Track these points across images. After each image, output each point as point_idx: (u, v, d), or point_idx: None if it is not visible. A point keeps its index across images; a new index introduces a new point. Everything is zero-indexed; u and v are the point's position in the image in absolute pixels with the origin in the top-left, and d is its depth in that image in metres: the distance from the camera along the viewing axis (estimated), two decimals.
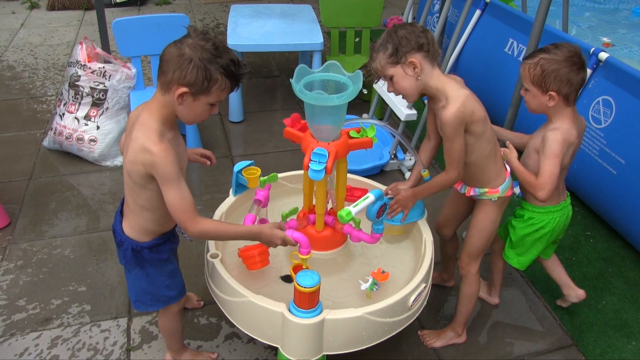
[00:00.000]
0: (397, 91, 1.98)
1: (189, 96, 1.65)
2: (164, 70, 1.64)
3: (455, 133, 1.93)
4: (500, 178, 2.13)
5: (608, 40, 4.96)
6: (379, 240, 2.13)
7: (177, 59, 1.61)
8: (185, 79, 1.61)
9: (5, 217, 3.05)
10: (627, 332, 2.55)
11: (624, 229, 3.01)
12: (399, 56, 1.90)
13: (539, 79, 2.01)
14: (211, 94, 1.66)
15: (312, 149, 1.88)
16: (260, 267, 2.00)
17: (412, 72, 1.92)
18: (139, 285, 1.97)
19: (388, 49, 1.91)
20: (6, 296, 2.60)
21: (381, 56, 1.93)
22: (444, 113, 1.91)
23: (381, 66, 1.95)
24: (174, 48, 1.63)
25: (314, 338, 1.81)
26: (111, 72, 3.50)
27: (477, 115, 1.94)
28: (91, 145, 3.51)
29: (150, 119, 1.70)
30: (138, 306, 2.02)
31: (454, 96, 1.92)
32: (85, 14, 6.38)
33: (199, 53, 1.60)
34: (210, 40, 1.63)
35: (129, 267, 1.94)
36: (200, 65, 1.60)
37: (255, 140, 3.98)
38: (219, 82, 1.65)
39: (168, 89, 1.65)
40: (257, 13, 4.50)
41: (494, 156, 2.08)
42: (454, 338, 2.42)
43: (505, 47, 3.78)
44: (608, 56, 3.08)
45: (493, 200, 2.14)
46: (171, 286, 1.99)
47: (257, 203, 2.04)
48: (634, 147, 2.86)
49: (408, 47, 1.90)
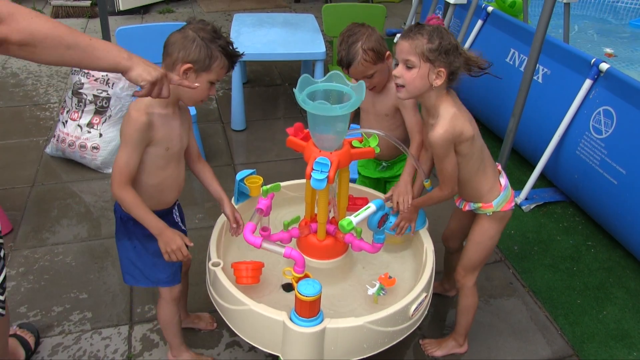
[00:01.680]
0: (404, 80, 1.89)
1: (193, 72, 1.79)
2: (169, 52, 1.80)
3: (445, 153, 1.92)
4: (493, 193, 2.10)
5: (610, 51, 4.97)
6: (380, 250, 2.13)
7: (181, 40, 1.78)
8: (189, 57, 1.77)
9: (7, 223, 3.06)
10: (628, 343, 2.55)
11: (625, 238, 3.01)
12: (437, 57, 1.84)
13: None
14: (212, 71, 1.82)
15: (314, 158, 1.89)
16: (250, 282, 1.98)
17: (432, 80, 1.87)
18: (127, 257, 2.04)
19: (434, 42, 1.83)
20: (7, 303, 2.60)
21: (424, 42, 1.84)
22: (432, 134, 1.89)
23: (414, 49, 1.84)
24: (178, 33, 1.81)
25: (314, 347, 1.82)
26: (114, 80, 3.51)
27: (465, 135, 1.92)
28: (94, 153, 3.53)
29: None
30: (128, 280, 2.08)
31: (443, 115, 1.90)
32: (89, 22, 6.42)
33: (201, 33, 1.79)
34: (209, 25, 1.83)
35: (119, 236, 2.03)
36: (202, 44, 1.78)
37: (258, 149, 3.99)
38: (219, 60, 1.81)
39: (172, 68, 1.80)
40: (260, 22, 4.53)
41: (482, 172, 2.06)
42: (455, 348, 2.42)
43: (507, 57, 3.79)
44: (609, 67, 3.10)
45: (488, 215, 2.14)
46: (159, 266, 2.02)
47: (258, 212, 2.05)
48: (635, 158, 2.87)
49: (447, 58, 1.85)
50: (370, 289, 2.02)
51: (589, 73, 3.19)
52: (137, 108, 1.81)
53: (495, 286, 2.83)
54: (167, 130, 1.88)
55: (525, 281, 2.87)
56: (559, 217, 3.38)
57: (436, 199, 2.09)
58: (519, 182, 3.57)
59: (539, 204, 3.46)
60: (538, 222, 3.33)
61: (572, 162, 3.27)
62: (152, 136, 1.83)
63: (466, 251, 2.24)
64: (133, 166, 1.82)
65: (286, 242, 2.14)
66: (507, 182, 2.14)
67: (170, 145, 1.90)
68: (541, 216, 3.38)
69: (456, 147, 1.94)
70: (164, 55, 1.82)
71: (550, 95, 3.47)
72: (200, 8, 7.09)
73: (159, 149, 1.87)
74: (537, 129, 3.52)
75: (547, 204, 3.48)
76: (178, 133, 1.93)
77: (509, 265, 2.98)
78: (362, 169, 2.65)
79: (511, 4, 4.65)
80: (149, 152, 1.86)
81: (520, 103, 2.88)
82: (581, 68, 3.26)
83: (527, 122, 3.35)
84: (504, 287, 2.83)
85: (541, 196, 3.51)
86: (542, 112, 3.49)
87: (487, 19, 4.11)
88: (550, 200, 3.50)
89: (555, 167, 3.42)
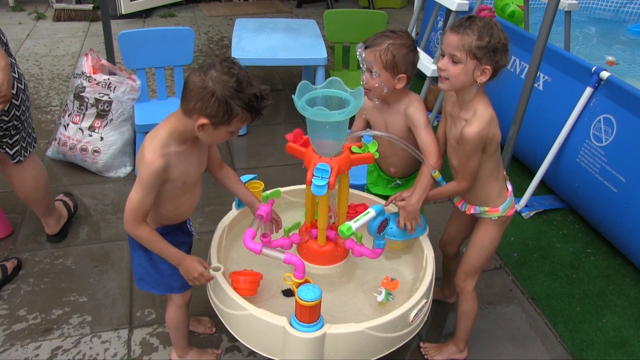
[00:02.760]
0: (448, 73, 1.89)
1: (210, 126, 1.72)
2: (187, 98, 1.71)
3: (475, 150, 1.94)
4: (502, 197, 2.13)
5: (612, 59, 4.98)
6: (380, 255, 2.13)
7: (200, 90, 1.66)
8: (206, 111, 1.68)
9: (7, 226, 3.07)
10: (628, 351, 2.55)
11: (625, 246, 3.01)
12: (485, 54, 1.84)
13: (391, 64, 2.05)
14: (231, 124, 1.73)
15: (314, 164, 1.89)
16: (247, 294, 1.97)
17: (476, 76, 1.88)
18: (142, 266, 2.04)
19: (484, 39, 1.82)
20: (7, 306, 2.60)
21: (473, 39, 1.83)
22: (467, 129, 1.90)
23: (462, 45, 1.84)
24: (198, 78, 1.67)
25: (314, 352, 1.82)
26: (116, 83, 3.52)
27: (495, 139, 1.96)
28: (95, 156, 3.53)
29: (161, 129, 1.80)
30: (141, 285, 2.09)
31: (481, 114, 1.91)
32: (91, 26, 6.43)
33: (221, 89, 1.65)
34: (234, 76, 1.66)
35: (134, 247, 2.01)
36: (222, 100, 1.66)
37: (258, 154, 3.99)
38: (239, 116, 1.71)
39: (189, 116, 1.72)
40: (262, 27, 4.54)
41: (496, 176, 2.09)
42: (455, 353, 2.42)
43: (508, 64, 3.79)
44: (609, 75, 3.10)
45: (493, 219, 2.15)
46: (174, 276, 2.02)
47: (259, 218, 2.05)
48: (635, 166, 2.88)
49: (495, 56, 1.85)
50: (377, 296, 2.02)
51: (590, 81, 3.19)
52: (151, 149, 1.75)
53: (494, 293, 2.83)
54: (184, 166, 1.85)
55: (524, 288, 2.87)
56: (559, 225, 3.38)
57: (451, 192, 2.11)
58: (519, 189, 3.58)
59: (539, 211, 3.46)
60: (538, 230, 3.33)
61: (572, 170, 3.27)
62: (167, 176, 1.81)
63: (468, 255, 2.24)
64: (147, 206, 1.81)
65: (287, 248, 2.15)
66: (512, 188, 2.18)
67: (187, 179, 1.89)
68: (541, 223, 3.38)
69: (484, 147, 1.96)
70: (183, 95, 1.73)
71: (551, 102, 3.48)
72: (202, 12, 7.11)
73: (176, 184, 1.86)
74: (538, 137, 3.52)
75: (547, 211, 3.48)
76: (196, 165, 1.92)
77: (509, 272, 2.98)
78: (371, 186, 2.55)
79: (510, 13, 4.67)
80: (165, 187, 1.85)
81: (521, 110, 2.89)
82: (582, 76, 3.27)
83: (527, 130, 3.35)
84: (503, 294, 2.83)
85: (541, 203, 3.51)
86: (542, 119, 3.50)
87: None
88: (550, 207, 3.50)
89: (556, 174, 3.42)
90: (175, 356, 2.31)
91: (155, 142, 1.76)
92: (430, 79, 3.33)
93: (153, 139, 1.78)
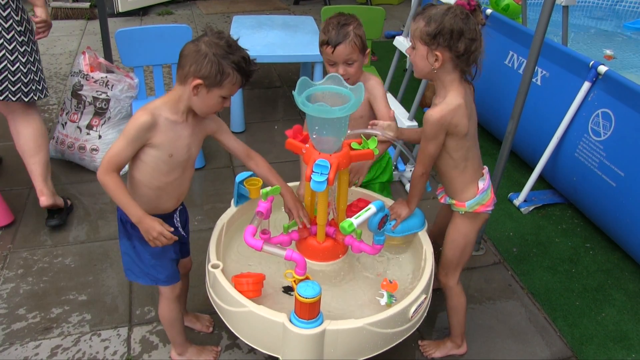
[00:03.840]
0: (411, 60, 1.99)
1: (203, 88, 1.80)
2: (182, 64, 1.81)
3: (434, 135, 1.96)
4: (469, 193, 2.12)
5: (610, 53, 4.98)
6: (380, 251, 2.13)
7: (194, 54, 1.78)
8: (200, 72, 1.78)
9: (9, 214, 3.09)
10: (627, 345, 2.55)
11: (624, 241, 3.01)
12: (432, 40, 1.88)
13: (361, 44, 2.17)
14: (224, 87, 1.82)
15: (314, 160, 1.89)
16: (252, 296, 1.95)
17: (431, 62, 1.92)
18: (128, 254, 2.07)
19: (431, 25, 1.87)
20: (6, 305, 2.60)
21: (422, 25, 1.90)
22: (430, 112, 1.94)
23: (413, 31, 1.93)
24: (192, 45, 1.80)
25: (314, 348, 1.82)
26: (114, 81, 3.52)
27: (459, 129, 1.96)
28: (93, 155, 3.52)
29: (158, 99, 1.89)
30: (129, 275, 2.12)
31: (448, 101, 1.94)
32: (88, 24, 6.42)
33: (213, 49, 1.77)
34: (224, 39, 1.80)
35: (120, 236, 2.06)
36: (214, 60, 1.77)
37: (257, 151, 3.97)
38: (230, 76, 1.80)
39: (185, 81, 1.82)
40: (259, 24, 4.53)
41: (461, 171, 2.09)
42: (453, 349, 2.43)
43: (506, 59, 3.80)
44: (607, 69, 3.10)
45: (461, 214, 2.17)
46: (157, 268, 2.05)
47: (259, 215, 2.04)
48: (633, 160, 2.88)
49: (447, 42, 1.87)
50: (380, 299, 2.02)
51: (588, 75, 3.19)
52: (143, 107, 1.85)
53: (494, 288, 2.84)
54: (172, 136, 1.88)
55: (524, 283, 2.87)
56: (558, 219, 3.39)
57: (415, 179, 2.12)
58: (517, 184, 3.58)
59: (538, 206, 3.46)
60: (537, 224, 3.33)
61: (570, 165, 3.27)
62: (151, 137, 1.84)
63: (443, 249, 2.27)
64: (124, 158, 1.84)
65: (286, 245, 2.14)
66: (488, 186, 2.13)
67: (175, 152, 1.91)
68: (540, 218, 3.39)
69: (446, 138, 1.98)
70: (178, 65, 1.83)
71: (549, 97, 3.48)
72: (199, 10, 7.10)
73: (160, 153, 1.88)
74: (536, 131, 3.52)
75: (545, 206, 3.49)
76: (186, 142, 1.94)
77: (508, 267, 2.98)
78: None
79: (505, 6, 4.66)
80: (150, 154, 1.87)
81: (519, 105, 2.88)
82: (580, 70, 3.27)
83: (526, 125, 3.35)
84: (502, 289, 2.83)
85: (540, 198, 3.51)
86: (540, 114, 3.50)
87: (486, 22, 4.12)
88: (549, 202, 3.51)
89: (554, 169, 3.43)
90: (175, 355, 2.31)
91: (149, 104, 1.86)
92: None
93: (148, 103, 1.87)
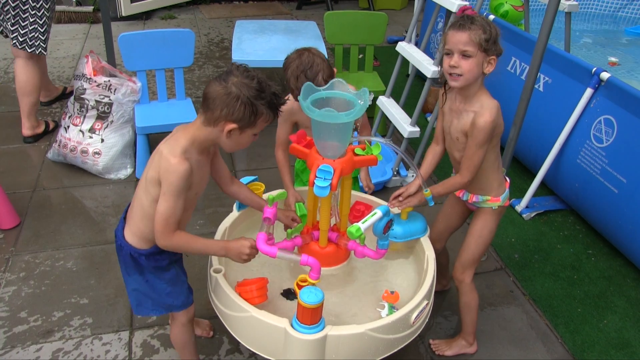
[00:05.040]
0: (462, 69, 1.97)
1: (237, 130, 1.76)
2: (211, 108, 1.74)
3: (487, 140, 2.01)
4: (502, 188, 2.23)
5: (615, 60, 4.98)
6: (383, 256, 2.13)
7: (224, 97, 1.72)
8: (233, 116, 1.73)
9: (15, 217, 3.12)
10: (629, 352, 2.55)
11: (626, 247, 3.01)
12: (490, 46, 1.96)
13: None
14: (256, 125, 1.80)
15: (317, 165, 1.89)
16: (258, 302, 1.95)
17: (484, 67, 1.98)
18: (138, 290, 2.00)
19: (487, 32, 1.95)
20: (8, 308, 2.60)
21: (480, 33, 1.94)
22: (481, 119, 1.98)
23: (472, 39, 1.94)
24: (219, 86, 1.73)
25: (316, 354, 1.81)
26: (116, 85, 3.52)
27: (501, 128, 2.06)
28: (95, 158, 3.53)
29: (182, 137, 1.80)
30: (139, 311, 2.05)
31: (489, 104, 2.00)
32: (91, 28, 6.43)
33: (245, 91, 1.72)
34: (254, 78, 1.75)
35: (129, 272, 1.97)
36: (247, 102, 1.72)
37: (259, 155, 3.99)
38: (264, 115, 1.78)
39: (215, 124, 1.76)
40: (262, 29, 4.54)
41: (497, 168, 2.18)
42: (465, 347, 2.45)
43: (508, 65, 3.81)
44: (610, 76, 3.11)
45: (494, 209, 2.22)
46: (173, 294, 2.01)
47: (266, 221, 2.01)
48: (636, 166, 2.88)
49: (496, 47, 1.98)
50: (382, 311, 2.02)
51: (590, 82, 3.20)
52: (175, 154, 1.75)
53: (495, 294, 2.83)
54: (200, 175, 1.87)
55: (525, 289, 2.87)
56: (560, 226, 3.38)
57: (456, 184, 2.15)
58: (519, 190, 3.58)
59: (540, 212, 3.46)
60: (539, 231, 3.33)
61: (572, 171, 3.27)
62: (191, 182, 1.81)
63: (467, 246, 2.30)
64: (178, 214, 1.79)
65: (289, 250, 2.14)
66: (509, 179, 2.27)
67: (199, 189, 1.91)
68: (542, 224, 3.38)
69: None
70: (204, 106, 1.77)
71: (551, 103, 3.48)
72: (202, 14, 7.11)
73: (190, 193, 1.85)
74: (538, 138, 3.52)
75: (547, 212, 3.49)
76: (207, 177, 1.94)
77: (510, 274, 2.98)
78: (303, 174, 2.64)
79: (503, 13, 4.68)
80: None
81: (521, 111, 2.89)
82: (582, 77, 3.28)
83: (528, 131, 3.36)
84: (504, 295, 2.83)
85: (542, 204, 3.51)
86: (543, 120, 3.50)
87: None
88: (551, 208, 3.51)
89: (556, 175, 3.43)
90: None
91: (177, 148, 1.77)
92: (430, 80, 3.33)
93: (174, 146, 1.77)
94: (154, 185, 1.79)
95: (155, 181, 1.79)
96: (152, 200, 1.81)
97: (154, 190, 1.80)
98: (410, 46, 3.72)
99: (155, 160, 1.79)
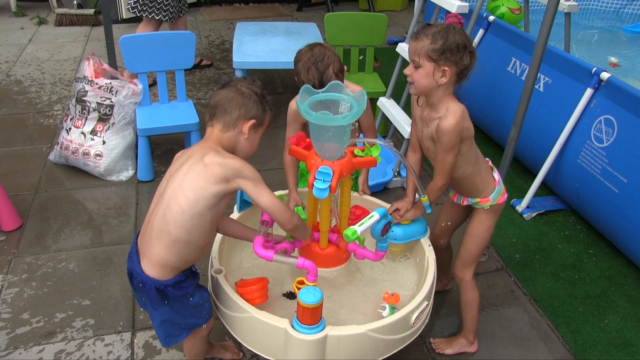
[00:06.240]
0: (412, 78, 2.00)
1: (253, 128, 1.90)
2: (228, 111, 1.86)
3: (454, 144, 1.99)
4: (489, 188, 2.20)
5: (615, 60, 4.98)
6: (383, 258, 2.14)
7: (239, 97, 1.87)
8: (250, 113, 1.87)
9: (17, 219, 3.13)
10: (630, 351, 2.55)
11: (627, 247, 3.01)
12: (440, 56, 1.93)
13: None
14: (264, 124, 1.95)
15: (316, 167, 1.90)
16: (259, 302, 1.95)
17: (437, 78, 1.95)
18: (168, 320, 1.95)
19: (437, 42, 1.92)
20: (10, 309, 2.61)
21: (427, 43, 1.93)
22: (444, 122, 1.96)
23: (419, 50, 1.95)
24: (231, 91, 1.88)
25: (316, 354, 1.82)
26: (118, 87, 3.54)
27: (469, 131, 2.03)
28: (97, 160, 3.54)
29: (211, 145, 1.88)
30: (169, 342, 2.01)
31: (454, 109, 1.98)
32: (92, 30, 6.45)
33: (255, 89, 1.90)
34: (256, 81, 1.94)
35: (155, 306, 1.90)
36: (259, 100, 1.89)
37: (259, 157, 4.00)
38: (269, 114, 1.94)
39: (234, 126, 1.88)
40: (262, 31, 4.55)
41: (478, 172, 2.16)
42: (465, 346, 2.45)
43: (508, 66, 3.81)
44: (610, 76, 3.11)
45: (486, 209, 2.22)
46: (198, 313, 2.00)
47: (264, 224, 2.02)
48: (636, 166, 2.88)
49: (453, 57, 1.93)
50: (382, 312, 2.03)
51: (590, 82, 3.20)
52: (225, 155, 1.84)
53: (496, 294, 2.83)
54: None
55: (526, 289, 2.87)
56: (561, 226, 3.39)
57: (435, 190, 2.14)
58: (520, 191, 3.58)
59: (541, 212, 3.46)
60: (539, 231, 3.33)
61: (573, 171, 3.27)
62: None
63: (465, 245, 2.31)
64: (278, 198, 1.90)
65: (290, 252, 2.15)
66: (500, 175, 2.25)
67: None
68: (542, 224, 3.39)
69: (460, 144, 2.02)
70: (218, 113, 1.87)
71: (551, 104, 3.49)
72: (203, 16, 7.13)
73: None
74: (539, 138, 3.53)
75: (548, 212, 3.49)
76: None
77: (511, 274, 2.98)
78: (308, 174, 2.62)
79: (499, 15, 4.69)
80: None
81: (521, 112, 2.89)
82: (582, 77, 3.28)
83: (528, 131, 3.36)
84: (505, 295, 2.83)
85: (543, 204, 3.51)
86: (543, 120, 3.51)
87: (489, 28, 4.13)
88: (552, 208, 3.51)
89: (557, 175, 3.43)
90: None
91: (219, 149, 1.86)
92: None
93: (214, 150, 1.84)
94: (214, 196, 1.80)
95: (214, 193, 1.79)
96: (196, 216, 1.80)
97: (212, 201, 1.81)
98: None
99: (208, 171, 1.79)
